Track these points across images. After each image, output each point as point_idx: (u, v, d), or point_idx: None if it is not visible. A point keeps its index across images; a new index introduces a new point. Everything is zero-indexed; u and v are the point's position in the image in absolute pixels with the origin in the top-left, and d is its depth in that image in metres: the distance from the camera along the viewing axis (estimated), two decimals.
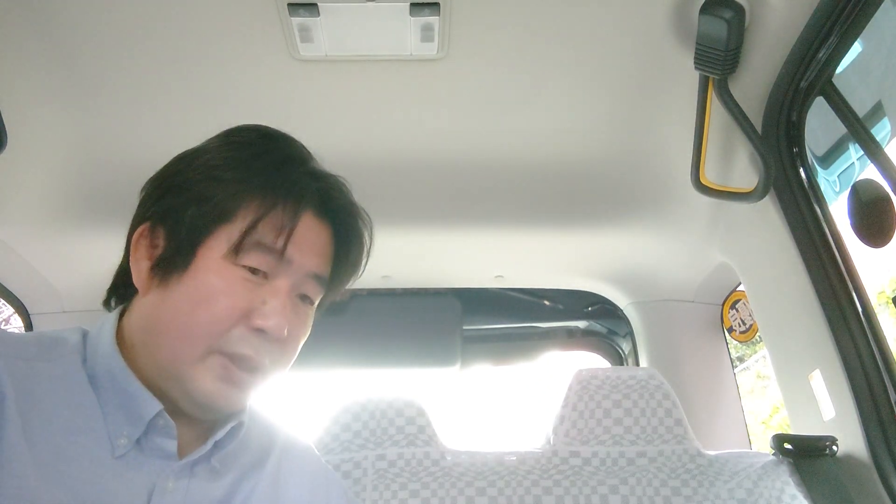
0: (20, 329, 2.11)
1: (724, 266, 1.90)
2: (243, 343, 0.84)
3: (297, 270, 0.89)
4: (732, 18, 1.29)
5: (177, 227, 0.87)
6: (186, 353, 0.83)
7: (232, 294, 0.84)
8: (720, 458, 1.45)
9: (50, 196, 1.72)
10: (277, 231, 0.86)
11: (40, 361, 0.83)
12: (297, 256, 0.88)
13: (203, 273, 0.85)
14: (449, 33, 1.40)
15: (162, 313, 0.85)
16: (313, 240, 0.91)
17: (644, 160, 1.77)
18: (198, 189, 0.88)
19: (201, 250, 0.86)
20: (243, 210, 0.86)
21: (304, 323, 0.92)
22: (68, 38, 1.42)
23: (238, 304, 0.84)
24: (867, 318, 1.40)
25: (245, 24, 1.39)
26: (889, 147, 1.52)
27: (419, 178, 1.81)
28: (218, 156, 0.91)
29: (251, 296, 0.85)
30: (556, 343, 2.66)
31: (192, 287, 0.84)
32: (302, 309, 0.92)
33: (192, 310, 0.83)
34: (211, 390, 0.84)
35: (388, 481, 1.38)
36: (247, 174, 0.88)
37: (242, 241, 0.85)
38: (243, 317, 0.84)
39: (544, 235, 1.97)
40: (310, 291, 0.92)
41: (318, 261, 0.92)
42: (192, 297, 0.84)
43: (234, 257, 0.85)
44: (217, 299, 0.83)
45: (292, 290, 0.89)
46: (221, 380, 0.84)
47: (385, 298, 2.37)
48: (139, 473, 0.82)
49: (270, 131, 0.96)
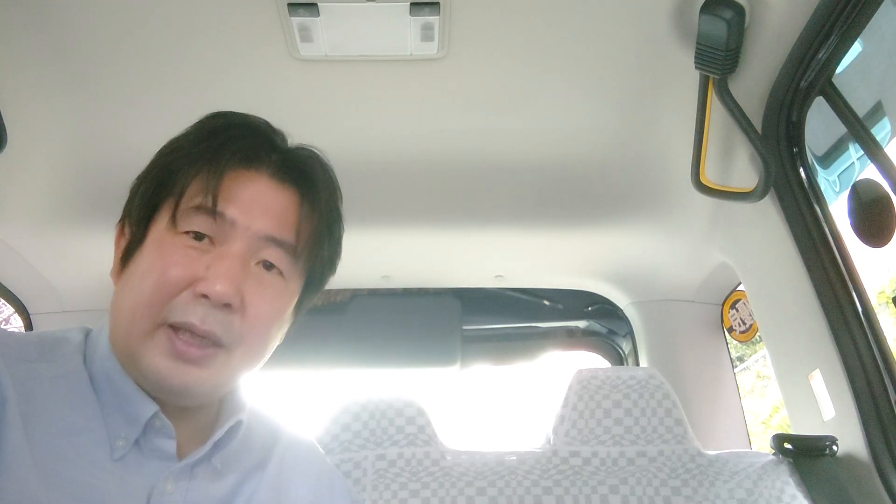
0: (20, 329, 2.11)
1: (724, 266, 1.90)
2: (187, 311, 0.80)
3: (244, 233, 0.85)
4: (732, 18, 1.29)
5: (135, 212, 0.88)
6: (135, 329, 0.82)
7: (174, 263, 0.82)
8: (720, 458, 1.45)
9: (50, 196, 1.72)
10: (205, 192, 0.84)
11: (42, 362, 0.83)
12: (242, 218, 0.85)
13: (150, 247, 0.85)
14: (449, 33, 1.40)
15: (118, 297, 0.86)
16: (264, 202, 0.88)
17: (644, 160, 1.77)
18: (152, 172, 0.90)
19: (151, 227, 0.86)
20: (179, 179, 0.86)
21: (269, 292, 0.87)
22: (69, 39, 1.42)
23: (182, 273, 0.82)
24: (867, 318, 1.40)
25: (245, 24, 1.39)
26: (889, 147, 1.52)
27: (419, 178, 1.80)
28: (176, 139, 0.92)
29: (195, 263, 0.83)
30: (556, 343, 2.66)
31: (140, 263, 0.85)
32: (267, 278, 0.87)
33: (139, 285, 0.83)
34: (160, 366, 0.81)
35: (388, 481, 1.38)
36: (187, 146, 0.89)
37: (178, 208, 0.84)
38: (188, 284, 0.82)
39: (544, 235, 1.97)
40: (272, 257, 0.87)
41: (272, 224, 0.87)
42: (139, 273, 0.84)
43: (174, 226, 0.84)
44: (160, 269, 0.82)
45: (247, 255, 0.86)
46: (169, 355, 0.81)
47: (385, 298, 2.37)
48: (138, 475, 0.81)
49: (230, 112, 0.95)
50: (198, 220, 0.84)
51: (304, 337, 0.98)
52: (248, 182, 0.88)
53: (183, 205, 0.84)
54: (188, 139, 0.90)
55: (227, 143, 0.88)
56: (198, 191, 0.85)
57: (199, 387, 0.83)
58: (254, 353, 0.87)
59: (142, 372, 0.82)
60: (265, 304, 0.86)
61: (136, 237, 0.87)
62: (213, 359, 0.82)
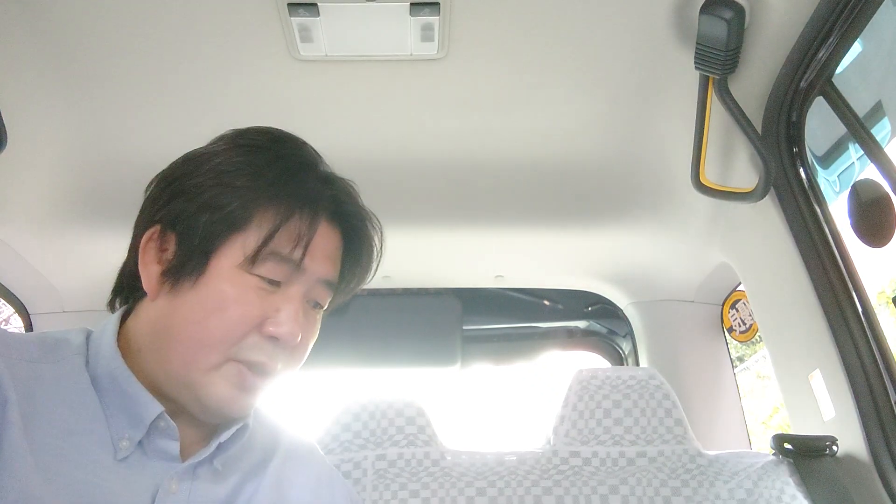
0: (20, 329, 2.11)
1: (724, 266, 1.90)
2: (257, 351, 0.85)
3: (309, 278, 0.89)
4: (732, 18, 1.29)
5: (189, 234, 0.86)
6: (200, 361, 0.83)
7: (246, 303, 0.84)
8: (720, 458, 1.45)
9: (50, 196, 1.72)
10: (294, 241, 0.86)
11: (43, 363, 0.83)
12: (311, 264, 0.88)
13: (216, 281, 0.84)
14: (449, 33, 1.40)
15: (173, 321, 0.85)
16: (325, 246, 0.91)
17: (644, 160, 1.77)
18: (209, 195, 0.87)
19: (214, 258, 0.85)
20: (258, 219, 0.86)
21: (313, 327, 0.93)
22: (68, 38, 1.42)
23: (252, 313, 0.84)
24: (867, 318, 1.40)
25: (245, 24, 1.39)
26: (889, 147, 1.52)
27: (419, 178, 1.81)
28: (228, 160, 0.89)
29: (264, 304, 0.85)
30: (556, 343, 2.66)
31: (205, 295, 0.84)
32: (312, 314, 0.93)
33: (205, 318, 0.83)
34: (225, 397, 0.85)
35: (388, 481, 1.38)
36: (260, 182, 0.87)
37: (259, 252, 0.85)
38: (257, 325, 0.85)
39: (544, 235, 1.97)
40: (320, 297, 0.93)
41: (330, 267, 0.92)
42: (206, 306, 0.84)
43: (249, 266, 0.85)
44: (231, 308, 0.83)
45: (305, 296, 0.90)
46: (236, 387, 0.85)
47: (385, 298, 2.37)
48: (142, 476, 0.82)
49: (281, 134, 0.95)
50: (276, 268, 0.86)
51: None
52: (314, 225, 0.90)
53: (267, 249, 0.85)
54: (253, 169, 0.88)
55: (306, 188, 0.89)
56: (286, 239, 0.86)
57: (249, 410, 0.89)
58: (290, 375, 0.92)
59: (202, 399, 0.85)
60: (311, 337, 0.93)
61: (195, 262, 0.85)
62: (267, 388, 0.89)
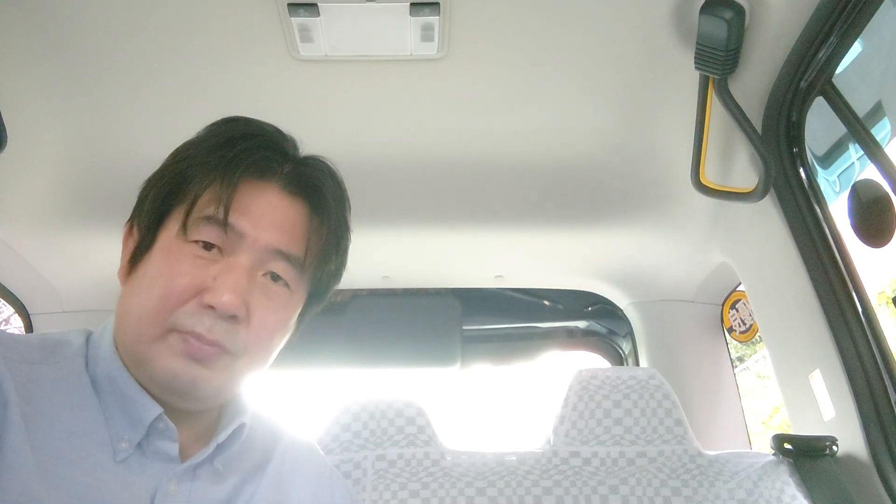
0: (20, 329, 2.11)
1: (724, 266, 1.90)
2: (196, 321, 0.82)
3: (253, 245, 0.86)
4: (732, 18, 1.29)
5: (144, 216, 0.89)
6: (144, 332, 0.83)
7: (182, 272, 0.83)
8: (720, 458, 1.45)
9: (50, 196, 1.72)
10: (217, 202, 0.85)
11: (43, 365, 0.83)
12: (251, 230, 0.86)
13: (158, 254, 0.86)
14: (449, 33, 1.40)
15: (127, 301, 0.86)
16: (273, 214, 0.89)
17: (644, 160, 1.77)
18: (163, 177, 0.90)
19: (161, 232, 0.87)
20: (192, 187, 0.86)
21: (274, 304, 0.88)
22: (68, 39, 1.42)
23: (189, 282, 0.83)
24: (867, 318, 1.40)
25: (245, 24, 1.39)
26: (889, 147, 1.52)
27: (419, 178, 1.80)
28: (187, 144, 0.92)
29: (203, 273, 0.84)
30: (556, 343, 2.66)
31: (148, 269, 0.85)
32: (273, 289, 0.88)
33: (147, 291, 0.84)
34: (173, 367, 0.82)
35: (387, 481, 1.38)
36: (198, 153, 0.89)
37: (188, 216, 0.85)
38: (195, 294, 0.83)
39: (544, 235, 1.97)
40: (279, 269, 0.88)
41: (280, 236, 0.88)
42: (147, 279, 0.85)
43: (184, 234, 0.85)
44: (166, 276, 0.83)
45: (254, 267, 0.86)
46: (181, 355, 0.82)
47: (385, 298, 2.37)
48: (141, 477, 0.82)
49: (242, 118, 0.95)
50: (208, 231, 0.85)
51: (304, 337, 0.99)
52: (260, 194, 0.89)
53: (194, 214, 0.85)
54: (201, 146, 0.91)
55: (241, 154, 0.88)
56: (210, 201, 0.85)
57: (205, 385, 0.84)
58: (257, 362, 0.89)
59: (151, 373, 0.83)
60: (270, 315, 0.87)
61: (144, 241, 0.87)
62: (218, 358, 0.84)
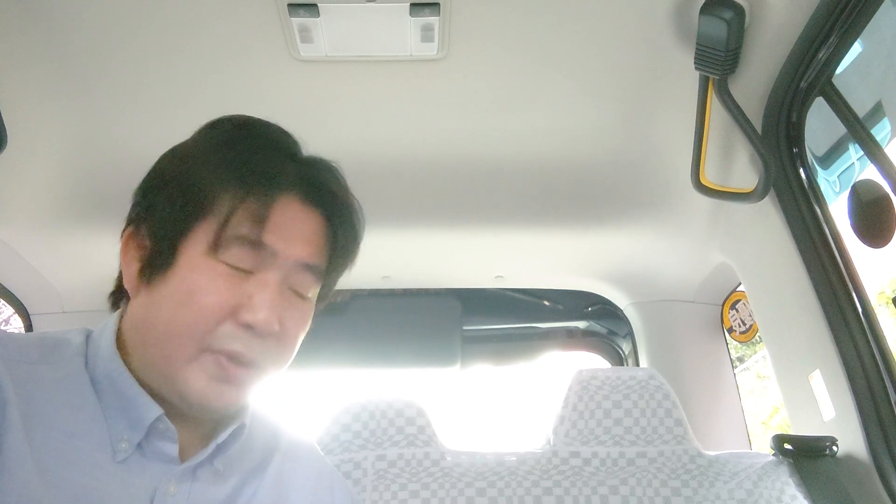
0: (20, 329, 2.11)
1: (724, 266, 1.90)
2: (232, 340, 0.82)
3: (284, 262, 0.86)
4: (732, 18, 1.29)
5: (158, 226, 0.85)
6: (177, 353, 0.82)
7: (216, 291, 0.82)
8: (720, 458, 1.45)
9: (50, 196, 1.72)
10: (252, 221, 0.84)
11: (43, 364, 0.82)
12: (282, 246, 0.85)
13: (185, 271, 0.83)
14: (449, 33, 1.40)
15: (150, 315, 0.84)
16: (299, 227, 0.88)
17: (644, 160, 1.77)
18: (175, 184, 0.86)
19: (183, 247, 0.84)
20: (218, 203, 0.84)
21: (300, 317, 0.89)
22: (68, 39, 1.42)
23: (224, 301, 0.82)
24: (867, 318, 1.40)
25: (245, 24, 1.39)
26: (889, 147, 1.52)
27: (419, 178, 1.81)
28: (194, 148, 0.90)
29: (237, 291, 0.83)
30: (556, 343, 2.66)
31: (175, 287, 0.83)
32: (298, 303, 0.88)
33: (177, 309, 0.82)
34: (205, 390, 0.82)
35: (388, 482, 1.38)
36: (219, 165, 0.86)
37: (220, 237, 0.83)
38: (231, 313, 0.82)
39: (544, 235, 1.97)
40: (304, 283, 0.88)
41: (308, 249, 0.88)
42: (177, 297, 0.82)
43: (214, 253, 0.83)
44: (201, 297, 0.81)
45: (282, 282, 0.86)
46: (215, 378, 0.82)
47: (385, 298, 2.37)
48: (141, 478, 0.81)
49: (249, 120, 0.93)
50: (241, 253, 0.84)
51: (304, 337, 0.99)
52: (284, 207, 0.87)
53: (227, 233, 0.83)
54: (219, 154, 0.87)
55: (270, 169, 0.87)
56: (243, 220, 0.84)
57: (235, 404, 0.85)
58: (280, 370, 0.89)
59: (183, 394, 0.82)
60: (297, 327, 0.89)
61: (164, 255, 0.84)
62: (252, 379, 0.85)
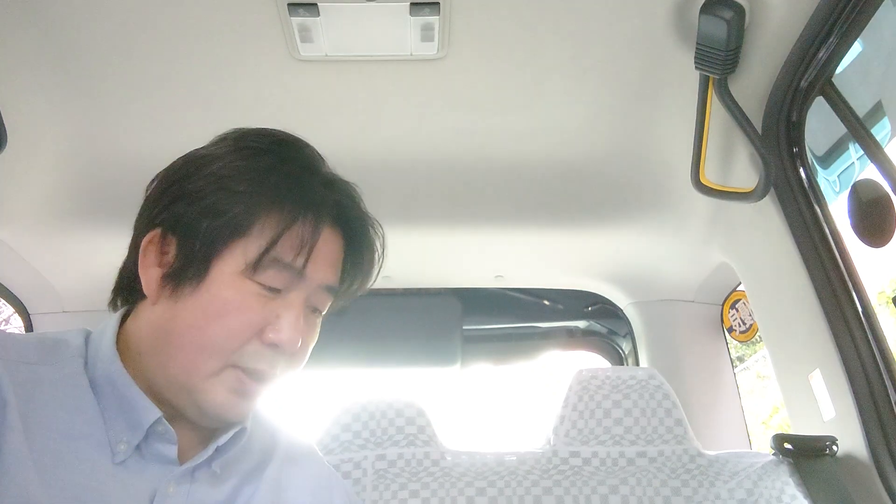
0: (20, 329, 2.11)
1: (724, 266, 1.90)
2: (258, 358, 0.84)
3: (310, 284, 0.88)
4: (732, 18, 1.29)
5: (190, 239, 0.85)
6: (200, 367, 0.83)
7: (247, 310, 0.83)
8: (720, 458, 1.45)
9: (50, 196, 1.72)
10: (297, 248, 0.85)
11: (42, 365, 0.83)
12: (313, 271, 0.88)
13: (217, 287, 0.83)
14: (449, 33, 1.40)
15: (174, 325, 0.84)
16: (327, 252, 0.90)
17: (644, 160, 1.77)
18: (211, 200, 0.85)
19: (216, 263, 0.84)
20: (259, 225, 0.85)
21: (313, 332, 0.92)
22: (68, 38, 1.42)
23: (253, 320, 0.84)
24: (867, 318, 1.40)
25: (245, 24, 1.39)
26: (889, 147, 1.52)
27: (419, 178, 1.81)
28: (230, 164, 0.88)
29: (265, 311, 0.85)
30: (556, 343, 2.66)
31: (206, 301, 0.83)
32: (312, 319, 0.92)
33: (206, 325, 0.83)
34: (224, 403, 0.84)
35: (387, 482, 1.38)
36: (262, 187, 0.86)
37: (261, 259, 0.84)
38: (258, 332, 0.84)
39: (544, 235, 1.97)
40: (321, 302, 0.92)
41: (331, 273, 0.91)
42: (207, 312, 0.83)
43: (250, 273, 0.84)
44: (232, 315, 0.83)
45: (306, 301, 0.89)
46: (234, 392, 0.85)
47: (385, 298, 2.37)
48: (140, 479, 0.82)
49: (284, 137, 0.93)
50: (277, 275, 0.85)
51: None
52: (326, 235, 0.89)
53: (269, 256, 0.84)
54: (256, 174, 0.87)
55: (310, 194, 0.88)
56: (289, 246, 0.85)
57: (247, 415, 0.89)
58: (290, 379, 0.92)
59: (200, 404, 0.84)
60: (311, 342, 0.92)
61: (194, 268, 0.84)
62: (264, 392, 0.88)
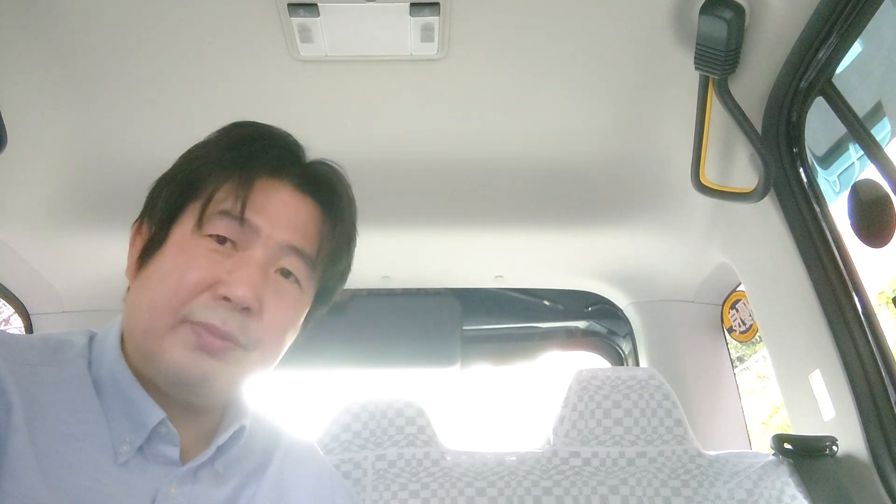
0: (20, 329, 2.11)
1: (724, 266, 1.90)
2: (209, 311, 0.82)
3: (267, 241, 0.88)
4: (732, 18, 1.29)
5: (157, 215, 0.90)
6: (155, 325, 0.83)
7: (197, 265, 0.84)
8: (720, 458, 1.45)
9: (50, 196, 1.72)
10: (234, 198, 0.87)
11: (45, 367, 0.83)
12: (266, 226, 0.88)
13: (171, 249, 0.86)
14: (449, 33, 1.40)
15: (136, 296, 0.87)
16: (288, 213, 0.91)
17: (644, 160, 1.77)
18: (172, 172, 0.93)
19: (174, 228, 0.88)
20: (208, 185, 0.88)
21: (286, 300, 0.89)
22: (68, 38, 1.42)
23: (204, 275, 0.84)
24: (867, 318, 1.40)
25: (245, 24, 1.39)
26: (889, 147, 1.52)
27: (419, 178, 1.81)
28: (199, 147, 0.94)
29: (217, 266, 0.85)
30: (556, 343, 2.66)
31: (160, 264, 0.86)
32: (285, 286, 0.89)
33: (159, 284, 0.84)
34: (182, 360, 0.82)
35: (387, 482, 1.38)
36: (213, 151, 0.92)
37: (205, 211, 0.86)
38: (210, 286, 0.83)
39: (544, 235, 1.97)
40: (291, 265, 0.90)
41: (294, 234, 0.90)
42: (160, 273, 0.85)
43: (199, 229, 0.86)
44: (182, 270, 0.84)
45: (268, 262, 0.88)
46: (192, 347, 0.82)
47: (385, 298, 2.38)
48: (142, 480, 0.82)
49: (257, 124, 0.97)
50: (223, 225, 0.87)
51: (304, 337, 0.99)
52: (274, 192, 0.91)
53: (210, 209, 0.87)
54: (216, 146, 0.93)
55: (257, 153, 0.91)
56: (226, 196, 0.87)
57: (217, 379, 0.84)
58: (268, 357, 0.89)
59: (160, 367, 0.83)
60: (281, 310, 0.89)
61: (156, 237, 0.88)
62: (231, 352, 0.84)
